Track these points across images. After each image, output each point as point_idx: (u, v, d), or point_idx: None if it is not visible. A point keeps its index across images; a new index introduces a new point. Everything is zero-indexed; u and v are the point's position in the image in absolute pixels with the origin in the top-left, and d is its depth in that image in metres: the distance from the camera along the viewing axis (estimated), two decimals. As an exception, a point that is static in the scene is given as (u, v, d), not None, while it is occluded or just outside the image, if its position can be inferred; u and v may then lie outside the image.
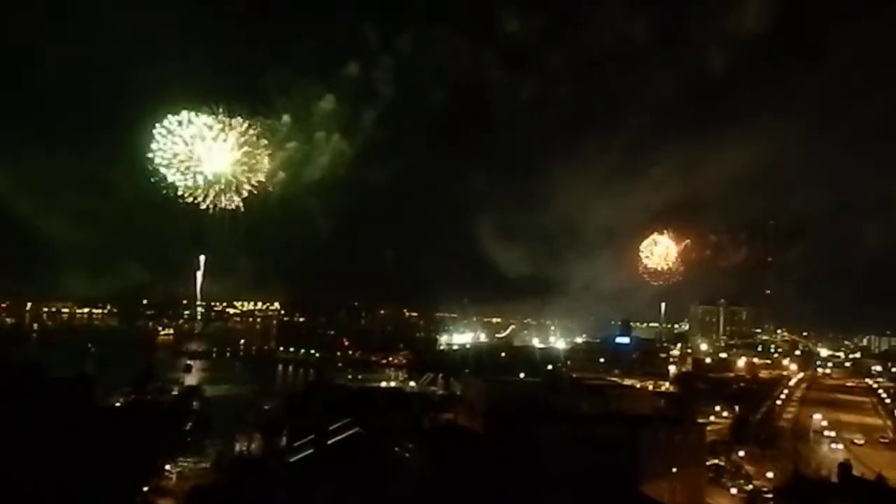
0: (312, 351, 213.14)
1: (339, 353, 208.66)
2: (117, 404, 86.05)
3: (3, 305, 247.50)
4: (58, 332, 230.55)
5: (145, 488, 60.98)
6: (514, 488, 60.33)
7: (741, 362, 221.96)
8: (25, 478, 43.83)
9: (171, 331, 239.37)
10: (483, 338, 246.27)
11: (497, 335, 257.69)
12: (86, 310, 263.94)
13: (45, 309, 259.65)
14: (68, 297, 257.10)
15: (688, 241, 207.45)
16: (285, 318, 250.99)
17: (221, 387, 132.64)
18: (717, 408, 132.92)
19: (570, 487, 59.33)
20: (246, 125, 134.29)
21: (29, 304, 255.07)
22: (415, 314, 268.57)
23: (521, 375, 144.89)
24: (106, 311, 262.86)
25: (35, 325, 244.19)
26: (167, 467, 71.14)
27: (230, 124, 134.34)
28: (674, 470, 71.82)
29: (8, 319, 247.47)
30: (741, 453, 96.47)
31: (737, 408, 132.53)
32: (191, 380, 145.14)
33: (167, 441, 69.90)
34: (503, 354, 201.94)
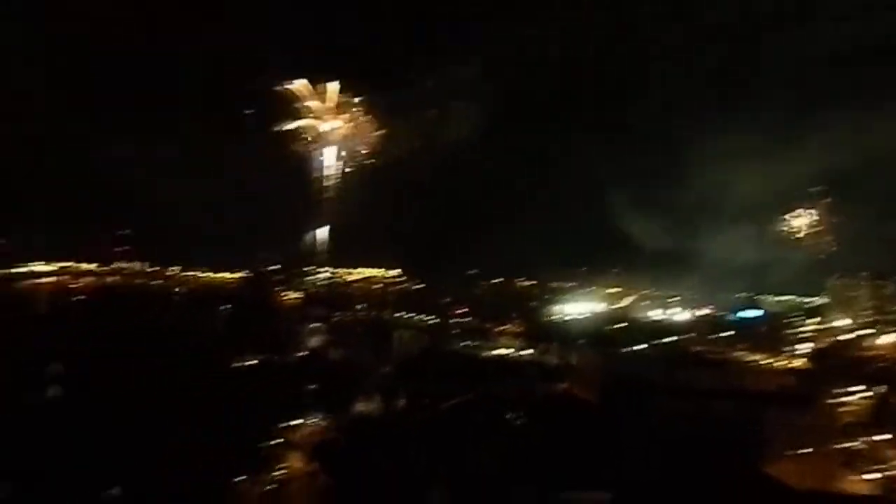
0: (428, 318, 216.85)
1: (453, 321, 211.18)
2: (247, 364, 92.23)
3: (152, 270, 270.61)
4: (194, 295, 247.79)
5: (274, 441, 64.93)
6: (629, 461, 59.44)
7: (884, 339, 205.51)
8: (162, 434, 47.73)
9: (296, 295, 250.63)
10: (600, 308, 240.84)
11: (615, 305, 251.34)
12: (220, 275, 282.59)
13: (185, 274, 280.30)
14: (204, 264, 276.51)
15: (834, 212, 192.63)
16: (403, 285, 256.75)
17: (342, 350, 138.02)
18: (855, 387, 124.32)
19: (686, 464, 57.68)
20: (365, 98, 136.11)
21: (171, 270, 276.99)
22: (531, 283, 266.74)
23: (639, 347, 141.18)
24: (237, 276, 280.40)
25: (177, 289, 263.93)
26: (294, 423, 75.34)
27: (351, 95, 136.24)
28: (802, 451, 68.18)
29: (153, 283, 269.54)
30: (881, 437, 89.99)
31: (878, 388, 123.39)
32: (314, 342, 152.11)
33: (294, 400, 73.95)
34: (620, 325, 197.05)
